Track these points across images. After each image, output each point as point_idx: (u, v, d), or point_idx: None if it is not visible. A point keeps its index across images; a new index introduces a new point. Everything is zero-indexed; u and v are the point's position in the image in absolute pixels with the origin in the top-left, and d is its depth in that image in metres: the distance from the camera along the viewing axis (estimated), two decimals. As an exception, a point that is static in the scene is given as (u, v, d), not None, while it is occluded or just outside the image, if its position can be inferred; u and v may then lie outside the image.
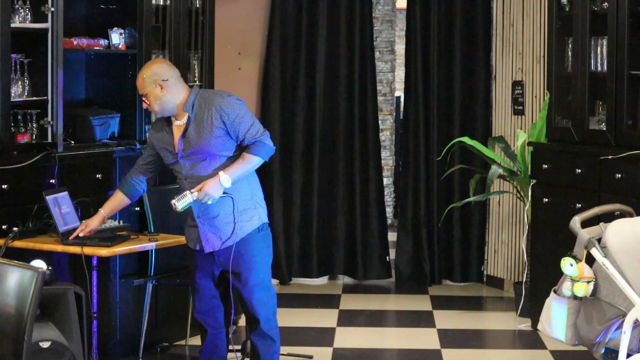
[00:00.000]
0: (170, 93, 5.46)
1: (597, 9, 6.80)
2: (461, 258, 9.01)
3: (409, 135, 9.01)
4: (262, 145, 5.43)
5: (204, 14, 7.24)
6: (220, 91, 5.59)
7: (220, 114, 5.39)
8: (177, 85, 5.50)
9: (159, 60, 5.72)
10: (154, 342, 6.78)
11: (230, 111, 5.40)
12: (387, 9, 11.54)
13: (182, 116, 5.49)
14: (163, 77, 5.46)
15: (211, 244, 5.49)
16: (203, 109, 5.43)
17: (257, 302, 5.51)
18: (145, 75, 5.48)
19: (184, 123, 5.48)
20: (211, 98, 5.46)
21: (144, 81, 5.47)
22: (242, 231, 5.47)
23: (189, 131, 5.44)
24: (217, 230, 5.47)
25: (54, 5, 5.99)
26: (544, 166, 7.19)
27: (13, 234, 5.75)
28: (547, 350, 6.94)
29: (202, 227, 5.49)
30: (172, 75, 5.49)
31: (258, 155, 5.43)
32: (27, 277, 3.81)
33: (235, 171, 5.39)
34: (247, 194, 5.49)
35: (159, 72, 5.48)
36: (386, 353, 7.11)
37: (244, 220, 5.46)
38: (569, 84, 7.08)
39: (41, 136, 6.05)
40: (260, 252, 5.52)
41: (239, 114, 5.41)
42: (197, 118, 5.43)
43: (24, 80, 6.03)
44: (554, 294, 4.97)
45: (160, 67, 5.52)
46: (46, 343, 5.08)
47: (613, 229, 4.85)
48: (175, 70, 5.54)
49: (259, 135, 5.44)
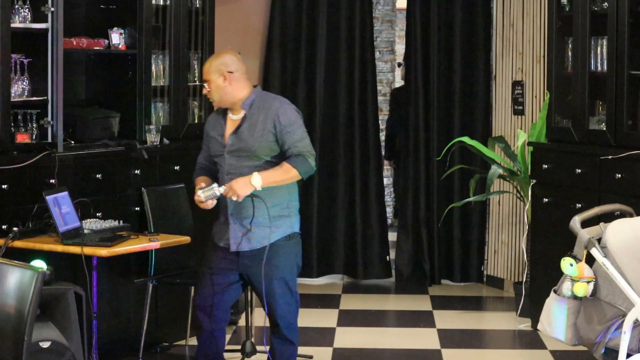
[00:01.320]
0: (232, 86, 5.49)
1: (597, 9, 6.80)
2: (461, 258, 9.01)
3: (409, 135, 9.01)
4: (304, 160, 5.43)
5: (204, 14, 7.24)
6: (279, 97, 5.64)
7: (274, 119, 5.42)
8: (241, 80, 5.53)
9: (231, 52, 5.66)
10: (154, 342, 6.79)
11: (284, 118, 5.43)
12: (387, 9, 11.55)
13: (239, 112, 5.52)
14: (229, 69, 5.50)
15: (238, 243, 5.49)
16: (260, 111, 5.47)
17: (281, 307, 5.52)
18: (213, 62, 5.52)
19: (239, 119, 5.52)
20: (270, 102, 5.51)
21: (210, 67, 5.51)
22: (273, 237, 5.47)
23: (241, 128, 5.48)
24: (248, 232, 5.46)
25: (54, 5, 5.99)
26: (544, 166, 7.19)
27: (13, 234, 5.75)
28: (547, 350, 6.94)
29: (234, 226, 5.49)
30: (238, 69, 5.53)
31: (296, 169, 5.41)
32: (27, 277, 3.81)
33: (269, 176, 5.38)
34: (284, 201, 5.50)
35: (227, 63, 5.51)
36: (386, 353, 7.11)
37: (276, 227, 5.48)
38: (569, 84, 7.08)
39: (41, 136, 6.05)
40: (288, 259, 5.52)
41: (292, 123, 5.44)
42: (253, 118, 5.46)
43: (24, 80, 6.03)
44: (554, 294, 4.97)
45: (229, 58, 5.55)
46: (46, 343, 5.08)
47: (613, 229, 4.85)
48: (243, 66, 5.58)
49: (305, 151, 5.44)
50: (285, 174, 5.41)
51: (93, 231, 5.87)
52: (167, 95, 7.01)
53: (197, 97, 7.26)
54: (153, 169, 6.74)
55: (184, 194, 6.86)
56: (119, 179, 6.50)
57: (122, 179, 6.53)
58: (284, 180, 5.43)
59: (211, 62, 5.54)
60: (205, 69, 5.53)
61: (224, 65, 5.49)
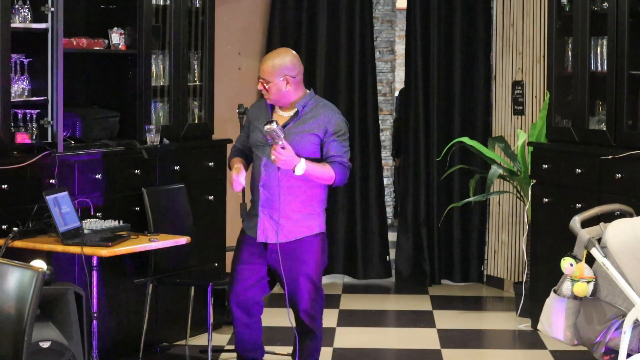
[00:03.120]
0: (292, 89, 5.54)
1: (597, 9, 6.80)
2: (461, 258, 9.01)
3: (409, 135, 9.01)
4: (344, 170, 5.56)
5: (204, 14, 7.24)
6: (333, 106, 5.70)
7: (327, 125, 5.53)
8: (300, 84, 5.60)
9: (292, 53, 5.64)
10: (154, 342, 6.79)
11: (336, 127, 5.55)
12: (387, 9, 11.55)
13: (290, 109, 5.59)
14: (292, 74, 5.53)
15: (266, 234, 5.58)
16: (313, 112, 5.55)
17: (307, 301, 5.62)
18: (277, 64, 5.52)
19: (289, 115, 5.58)
20: (325, 107, 5.60)
21: (273, 69, 5.51)
22: (301, 232, 5.57)
23: (290, 125, 5.54)
24: (276, 224, 5.55)
25: (54, 5, 5.98)
26: (544, 166, 7.19)
27: (13, 234, 5.75)
28: (547, 350, 6.94)
29: (263, 217, 5.57)
30: (299, 73, 5.58)
31: (334, 171, 5.52)
32: (27, 277, 3.81)
33: (313, 168, 5.47)
34: (315, 200, 5.60)
35: (291, 67, 5.54)
36: (386, 353, 7.11)
37: (305, 224, 5.58)
38: (569, 84, 7.08)
39: (41, 136, 6.05)
40: (315, 255, 5.62)
41: (342, 134, 5.58)
42: (305, 117, 5.55)
43: (24, 80, 6.03)
44: (554, 294, 4.97)
45: (292, 61, 5.55)
46: (46, 343, 5.08)
47: (613, 229, 4.86)
48: (302, 67, 5.62)
49: (347, 163, 5.58)
50: (325, 173, 5.52)
51: (93, 231, 5.87)
52: (167, 95, 7.01)
53: (197, 97, 7.26)
54: (153, 169, 6.74)
55: (184, 194, 6.86)
56: (119, 179, 6.50)
57: (122, 179, 6.53)
58: (321, 178, 5.53)
59: (274, 62, 5.52)
60: (267, 70, 5.51)
61: (288, 70, 5.52)
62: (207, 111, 7.26)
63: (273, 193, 5.53)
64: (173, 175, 6.89)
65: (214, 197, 7.21)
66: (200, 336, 7.05)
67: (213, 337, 6.75)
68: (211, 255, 7.19)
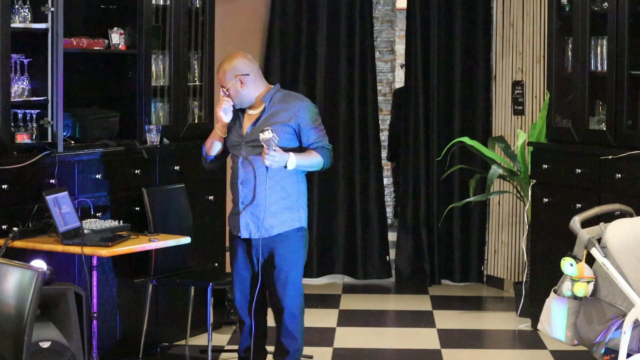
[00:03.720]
0: (249, 88, 5.66)
1: (597, 9, 6.80)
2: (461, 258, 9.01)
3: (409, 135, 9.01)
4: (328, 152, 5.67)
5: (204, 14, 7.24)
6: (299, 95, 5.82)
7: (297, 115, 5.62)
8: (257, 80, 5.70)
9: (240, 54, 5.78)
10: (154, 342, 6.78)
11: (306, 116, 5.63)
12: (387, 9, 11.55)
13: (258, 107, 5.69)
14: (244, 72, 5.65)
15: (249, 230, 5.67)
16: (282, 104, 5.65)
17: (287, 298, 5.67)
18: (226, 69, 5.66)
19: (257, 112, 5.68)
20: (291, 98, 5.69)
21: (224, 75, 5.65)
22: (281, 227, 5.65)
23: (260, 121, 5.63)
24: (256, 219, 5.64)
25: (54, 5, 5.98)
26: (544, 166, 7.19)
27: (13, 234, 5.75)
28: (547, 350, 6.94)
29: (244, 214, 5.66)
30: (252, 70, 5.68)
31: (322, 157, 5.63)
32: (27, 277, 3.81)
33: (302, 160, 5.59)
34: (294, 194, 5.68)
35: (240, 68, 5.66)
36: (386, 353, 7.11)
37: (285, 218, 5.66)
38: (569, 84, 7.08)
39: (41, 136, 6.05)
40: (296, 251, 5.69)
41: (315, 119, 5.66)
42: (274, 110, 5.64)
43: (24, 80, 6.02)
44: (554, 294, 4.97)
45: (241, 62, 5.68)
46: (46, 343, 5.08)
47: (613, 229, 4.85)
48: (255, 65, 5.74)
49: (328, 146, 5.67)
50: (314, 159, 5.62)
51: (93, 231, 5.87)
52: (167, 95, 7.01)
53: (197, 97, 7.26)
54: (153, 169, 6.74)
55: (184, 194, 6.86)
56: (119, 179, 6.50)
57: (122, 179, 6.53)
58: (310, 165, 5.64)
59: (224, 69, 5.66)
60: (220, 77, 5.67)
61: (238, 70, 5.65)
62: (207, 111, 7.26)
63: (251, 189, 5.63)
64: (173, 175, 6.89)
65: (214, 197, 7.22)
66: (200, 336, 7.05)
67: (213, 337, 6.75)
68: (211, 255, 7.19)
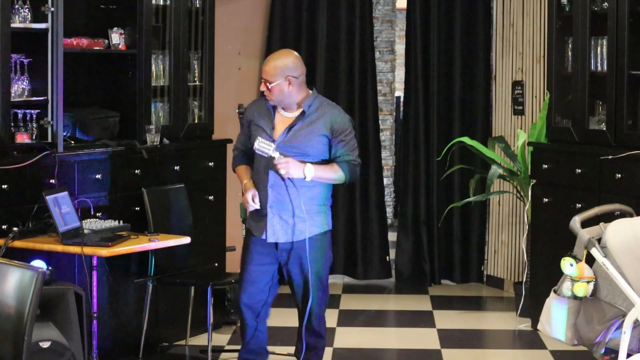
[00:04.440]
0: (295, 90, 5.53)
1: (597, 9, 6.80)
2: (461, 258, 9.01)
3: (409, 135, 9.01)
4: (353, 168, 5.59)
5: (204, 14, 7.24)
6: (336, 104, 5.70)
7: (332, 125, 5.52)
8: (303, 84, 5.59)
9: (294, 54, 5.65)
10: (154, 342, 6.79)
11: (342, 127, 5.54)
12: (387, 9, 11.54)
13: (295, 110, 5.58)
14: (295, 74, 5.52)
15: (277, 235, 5.59)
16: (319, 112, 5.55)
17: (316, 300, 5.65)
18: (278, 66, 5.51)
19: (293, 117, 5.58)
20: (330, 107, 5.60)
21: (275, 70, 5.50)
22: (310, 231, 5.57)
23: (296, 126, 5.54)
24: (285, 224, 5.57)
25: (54, 5, 5.99)
26: (544, 166, 7.19)
27: (13, 234, 5.75)
28: (547, 350, 6.94)
29: (272, 217, 5.57)
30: (302, 73, 5.57)
31: (344, 172, 5.56)
32: (27, 277, 3.81)
33: (321, 171, 5.52)
34: (322, 199, 5.62)
35: (293, 68, 5.53)
36: (386, 353, 7.11)
37: (314, 222, 5.59)
38: (569, 84, 7.08)
39: (41, 136, 6.05)
40: (324, 254, 5.66)
41: (348, 132, 5.57)
42: (311, 118, 5.53)
43: (24, 80, 6.02)
44: (554, 294, 4.97)
45: (294, 62, 5.55)
46: (46, 343, 5.08)
47: (613, 229, 4.85)
48: (304, 68, 5.61)
49: (356, 161, 5.59)
50: (333, 174, 5.55)
51: (93, 231, 5.87)
52: (167, 95, 7.01)
53: (197, 97, 7.26)
54: (153, 169, 6.74)
55: (184, 194, 6.86)
56: (119, 179, 6.50)
57: (122, 179, 6.53)
58: (330, 179, 5.58)
59: (276, 63, 5.52)
60: (270, 71, 5.51)
61: (290, 71, 5.51)
62: (207, 111, 7.26)
63: (282, 193, 5.54)
64: (173, 175, 6.89)
65: (214, 197, 7.22)
66: (200, 336, 7.05)
67: (213, 337, 6.75)
68: (211, 255, 7.19)
